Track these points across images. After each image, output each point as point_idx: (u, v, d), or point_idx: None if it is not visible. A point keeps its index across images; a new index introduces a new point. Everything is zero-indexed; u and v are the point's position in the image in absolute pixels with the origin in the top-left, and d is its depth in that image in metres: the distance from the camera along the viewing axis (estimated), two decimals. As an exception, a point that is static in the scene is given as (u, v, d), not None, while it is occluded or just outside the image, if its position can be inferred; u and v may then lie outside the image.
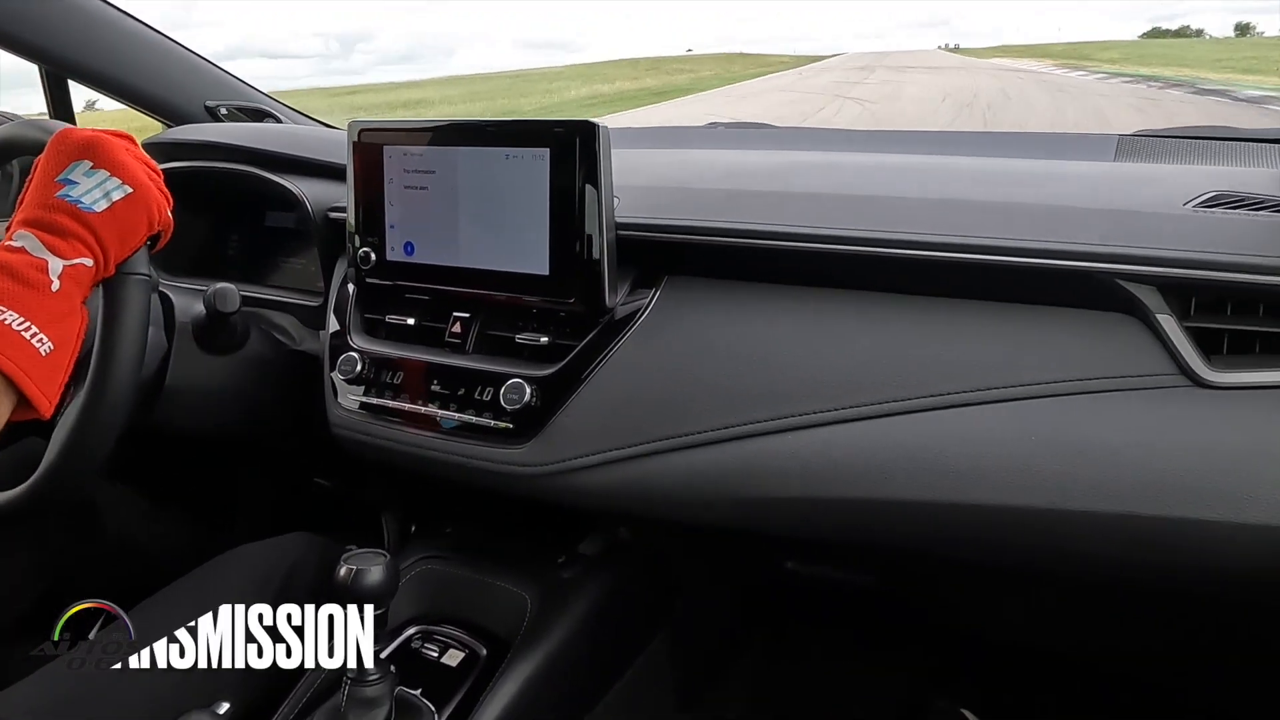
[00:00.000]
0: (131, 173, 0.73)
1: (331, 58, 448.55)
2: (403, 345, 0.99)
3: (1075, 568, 0.79)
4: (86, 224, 0.70)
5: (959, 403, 0.74)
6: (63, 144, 0.73)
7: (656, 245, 0.89)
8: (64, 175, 0.71)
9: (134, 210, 0.73)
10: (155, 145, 1.30)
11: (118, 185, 0.72)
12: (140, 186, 0.73)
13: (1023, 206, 0.80)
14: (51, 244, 0.68)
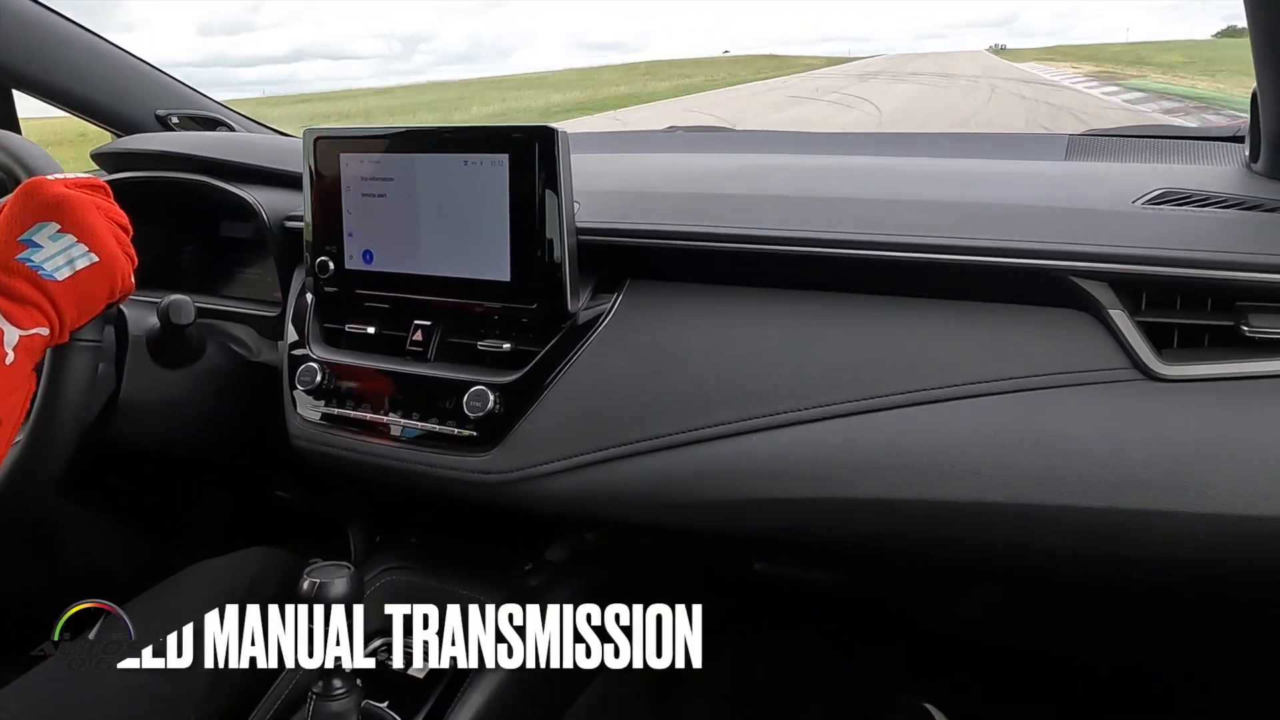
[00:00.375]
0: (100, 239, 0.71)
1: (393, 58, 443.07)
2: (363, 354, 0.98)
3: (1037, 561, 0.80)
4: (46, 292, 0.68)
5: (920, 400, 0.75)
6: (31, 199, 0.70)
7: (618, 249, 0.89)
8: (28, 235, 0.68)
9: (97, 279, 0.71)
10: (105, 155, 1.28)
11: (83, 253, 0.70)
12: (107, 255, 0.72)
13: (979, 206, 0.82)
14: (8, 312, 0.66)
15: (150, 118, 1.43)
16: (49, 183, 0.72)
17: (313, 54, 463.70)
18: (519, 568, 1.04)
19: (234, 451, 1.17)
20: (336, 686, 0.76)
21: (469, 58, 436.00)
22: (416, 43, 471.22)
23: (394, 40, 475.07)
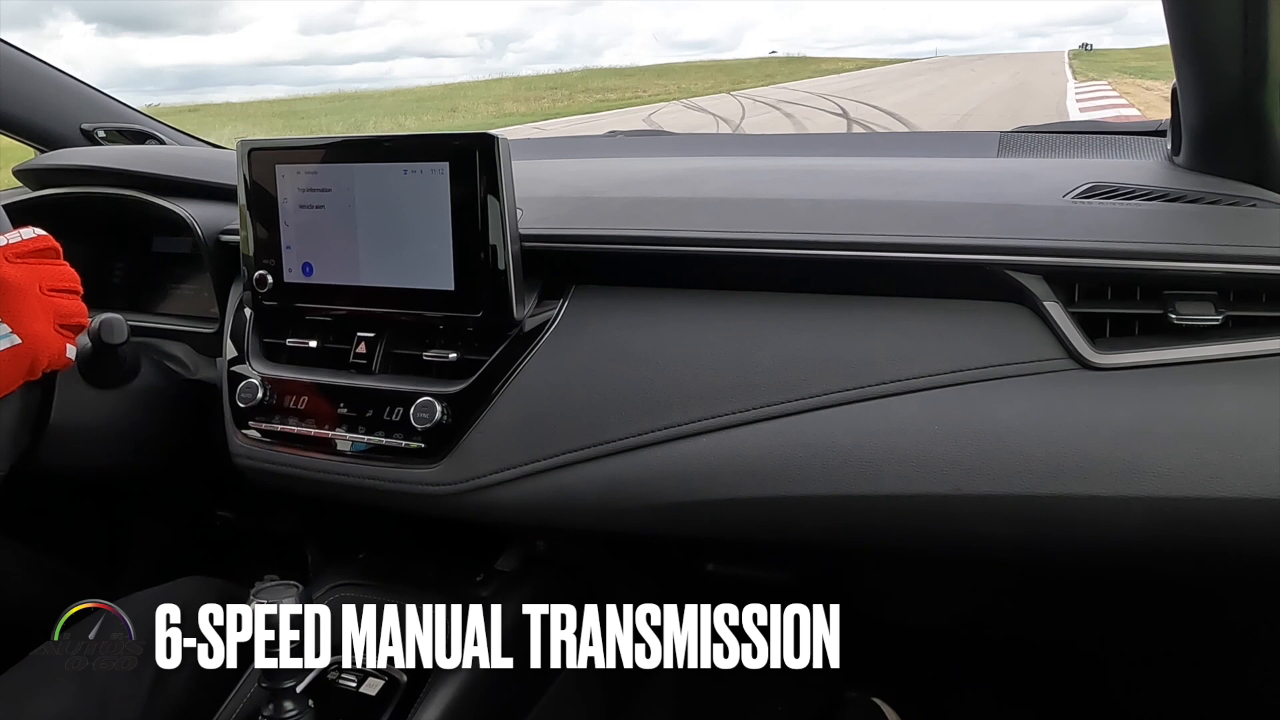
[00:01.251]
0: (26, 322, 0.70)
1: (484, 57, 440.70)
2: (306, 369, 0.96)
3: (981, 550, 0.82)
4: None
5: (863, 397, 0.76)
6: None
7: (562, 255, 0.88)
8: None
9: (16, 361, 0.70)
10: (28, 172, 1.24)
11: (5, 335, 0.69)
12: (30, 338, 0.70)
13: (914, 204, 0.83)
14: None
15: (75, 132, 1.39)
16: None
17: (408, 52, 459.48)
18: (470, 578, 1.03)
19: (173, 473, 1.14)
20: (287, 709, 0.74)
21: (559, 57, 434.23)
22: (508, 41, 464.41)
23: (486, 39, 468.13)
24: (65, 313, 0.75)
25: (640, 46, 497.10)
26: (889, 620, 1.32)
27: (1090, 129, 1.21)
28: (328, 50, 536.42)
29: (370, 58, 42.50)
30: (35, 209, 1.17)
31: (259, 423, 0.96)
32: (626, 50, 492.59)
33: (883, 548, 0.87)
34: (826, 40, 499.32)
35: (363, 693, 0.88)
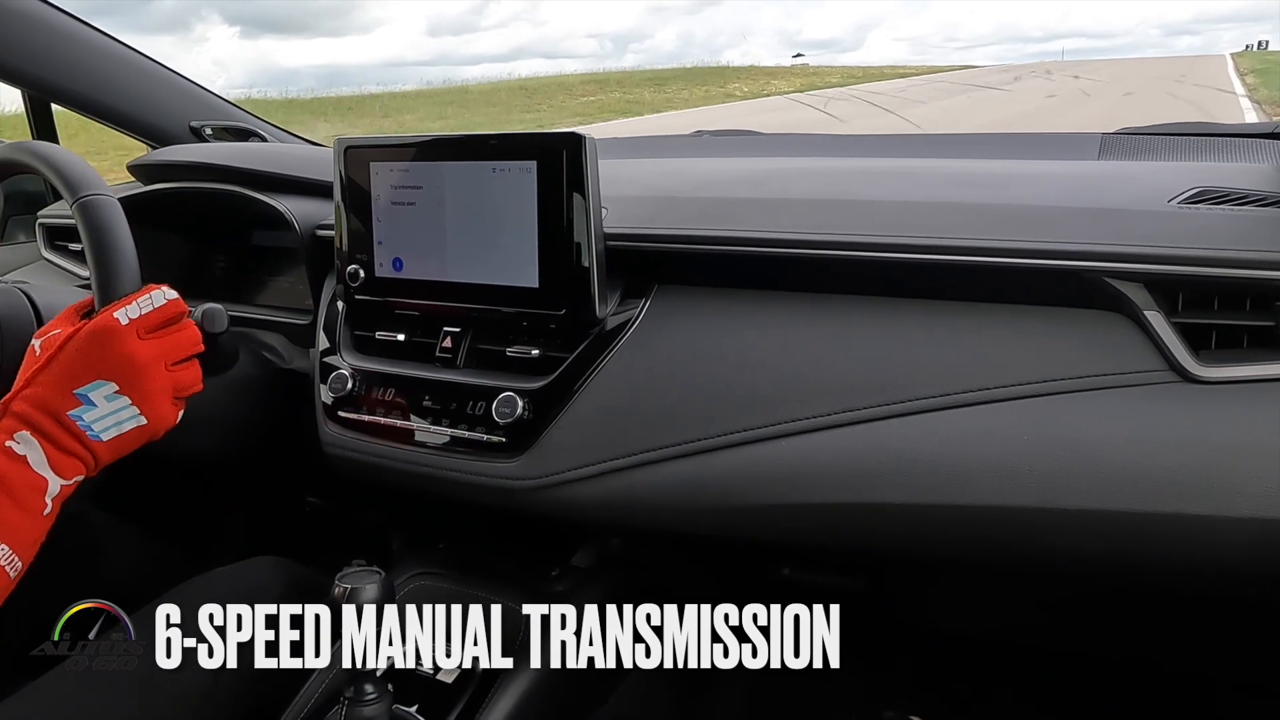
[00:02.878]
0: (153, 404, 0.72)
1: (604, 58, 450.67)
2: (393, 361, 0.98)
3: (1066, 566, 0.79)
4: (90, 449, 0.69)
5: (948, 405, 0.74)
6: (97, 350, 0.70)
7: (646, 255, 0.89)
8: (84, 391, 0.69)
9: (139, 437, 0.73)
10: (140, 167, 1.30)
11: (133, 416, 0.71)
12: (156, 418, 0.73)
13: (1009, 207, 0.81)
14: (54, 460, 0.67)
15: (184, 129, 1.46)
16: (120, 334, 0.71)
17: (530, 53, 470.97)
18: (545, 573, 1.04)
19: (266, 459, 1.18)
20: (367, 691, 0.76)
21: (679, 57, 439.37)
22: (628, 42, 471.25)
23: (606, 40, 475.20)
24: (182, 385, 0.77)
25: (760, 46, 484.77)
26: (931, 628, 1.29)
27: (1200, 131, 1.15)
28: (454, 51, 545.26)
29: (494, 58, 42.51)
30: (146, 203, 1.23)
31: (348, 413, 0.99)
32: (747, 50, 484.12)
33: (963, 559, 0.85)
34: (955, 39, 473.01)
35: (439, 680, 0.90)
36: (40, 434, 0.67)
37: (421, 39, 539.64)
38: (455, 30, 34.24)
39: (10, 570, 0.63)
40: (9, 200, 1.54)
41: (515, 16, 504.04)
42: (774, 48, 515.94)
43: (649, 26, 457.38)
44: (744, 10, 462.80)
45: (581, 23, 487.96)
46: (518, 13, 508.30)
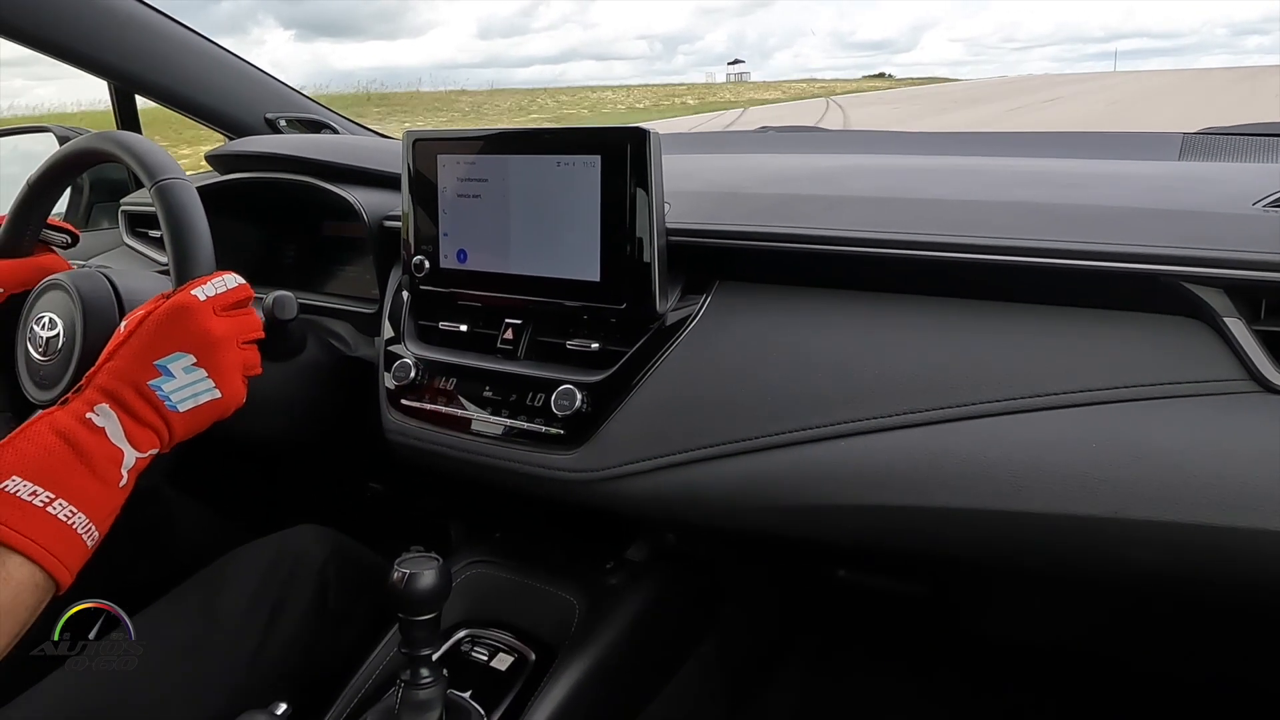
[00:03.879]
0: (227, 378, 0.75)
1: (654, 59, 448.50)
2: (455, 351, 1.00)
3: (1136, 579, 0.77)
4: (166, 420, 0.71)
5: (1014, 409, 0.72)
6: (177, 324, 0.73)
7: (707, 251, 0.88)
8: (164, 362, 0.72)
9: (213, 411, 0.75)
10: (217, 157, 1.34)
11: (209, 389, 0.74)
12: (229, 393, 0.75)
13: (1084, 208, 0.79)
14: (131, 433, 0.69)
15: (260, 121, 1.50)
16: (198, 310, 0.74)
17: (581, 55, 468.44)
18: (600, 566, 1.05)
19: (330, 444, 1.21)
20: (423, 675, 0.78)
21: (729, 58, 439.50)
22: (678, 44, 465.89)
23: (656, 41, 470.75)
24: (250, 364, 0.80)
25: (812, 48, 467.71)
26: (987, 635, 1.26)
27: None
28: (505, 53, 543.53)
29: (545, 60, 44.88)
30: (222, 192, 1.27)
31: (410, 401, 1.00)
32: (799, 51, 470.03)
33: (1026, 567, 0.83)
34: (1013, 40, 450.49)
35: (493, 666, 0.92)
36: (119, 406, 0.69)
37: (472, 41, 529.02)
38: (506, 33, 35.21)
39: (88, 539, 0.65)
40: (94, 188, 1.60)
41: (565, 19, 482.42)
42: (827, 49, 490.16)
43: (699, 28, 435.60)
44: (796, 11, 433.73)
45: (632, 25, 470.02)
46: (568, 15, 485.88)
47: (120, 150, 0.87)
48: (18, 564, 0.61)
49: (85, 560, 0.65)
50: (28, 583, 0.61)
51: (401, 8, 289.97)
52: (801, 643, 1.35)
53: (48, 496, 0.62)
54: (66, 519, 0.63)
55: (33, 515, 0.62)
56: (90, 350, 0.85)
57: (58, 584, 0.63)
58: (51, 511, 0.62)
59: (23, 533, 0.61)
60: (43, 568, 0.61)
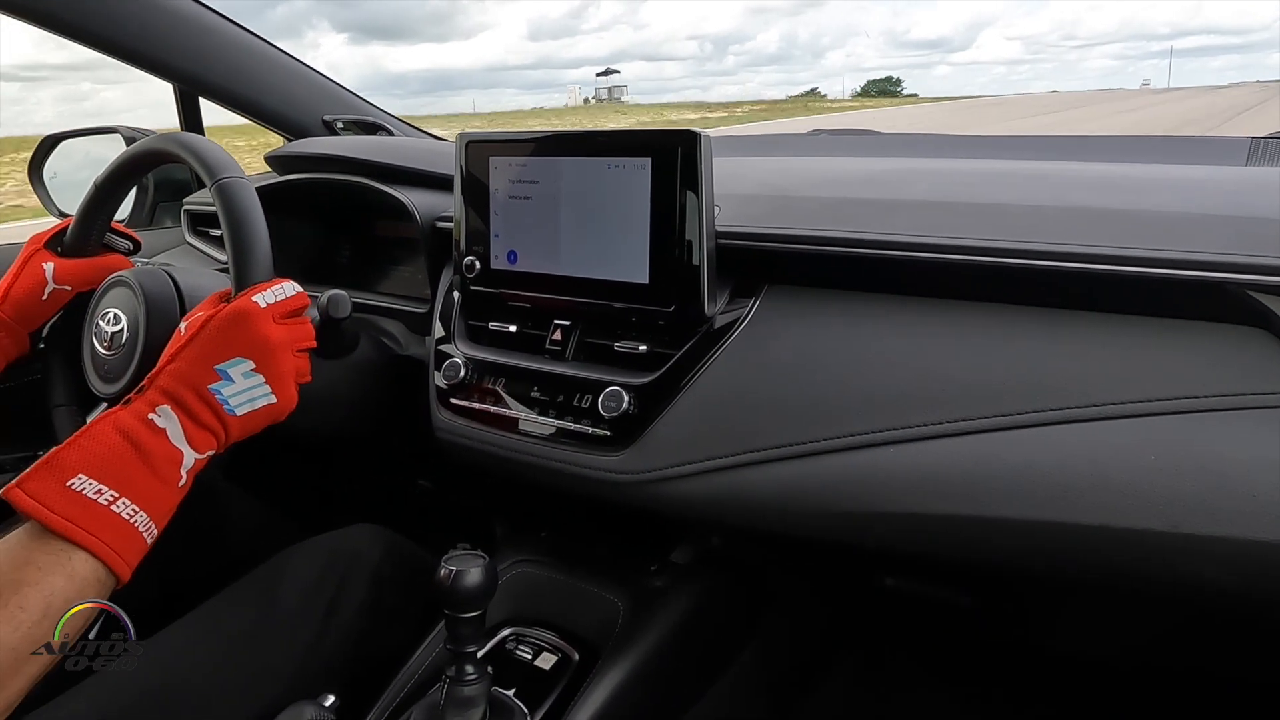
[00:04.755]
0: (283, 384, 0.77)
1: (705, 59, 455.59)
2: (504, 352, 1.01)
3: (1193, 594, 0.74)
4: (224, 423, 0.73)
5: (1070, 419, 0.71)
6: (238, 329, 0.75)
7: (757, 254, 0.88)
8: (224, 366, 0.74)
9: (267, 416, 0.77)
10: (277, 158, 1.37)
11: (265, 394, 0.76)
12: (284, 399, 0.77)
13: (1148, 214, 0.76)
14: (191, 435, 0.71)
15: (318, 123, 1.53)
16: (259, 316, 0.77)
17: (631, 56, 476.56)
18: (644, 568, 1.05)
19: (380, 441, 1.22)
20: (468, 672, 0.79)
21: (780, 59, 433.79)
22: (728, 44, 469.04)
23: (707, 42, 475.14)
24: (302, 371, 0.82)
25: (866, 47, 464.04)
26: (1037, 648, 1.23)
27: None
28: (555, 55, 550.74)
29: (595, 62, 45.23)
30: (281, 192, 1.29)
31: (459, 399, 1.01)
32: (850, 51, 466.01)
33: (1079, 579, 0.81)
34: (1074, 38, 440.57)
35: (537, 665, 0.92)
36: (180, 407, 0.71)
37: (522, 43, 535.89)
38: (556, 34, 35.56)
39: (147, 537, 0.67)
40: (158, 188, 1.65)
41: (615, 20, 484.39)
42: (881, 48, 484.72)
43: (750, 28, 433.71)
44: (849, 10, 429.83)
45: (682, 25, 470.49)
46: (618, 16, 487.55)
47: (183, 150, 0.89)
48: (82, 559, 0.63)
49: (143, 557, 0.67)
50: (91, 578, 0.63)
51: (452, 9, 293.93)
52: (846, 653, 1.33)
53: (112, 495, 0.64)
54: (129, 517, 0.65)
55: (98, 513, 0.64)
56: (153, 345, 0.87)
57: (117, 579, 0.65)
58: (115, 510, 0.64)
59: (89, 530, 0.63)
60: (105, 563, 0.63)
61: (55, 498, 0.63)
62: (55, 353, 1.02)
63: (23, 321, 0.98)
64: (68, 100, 31.16)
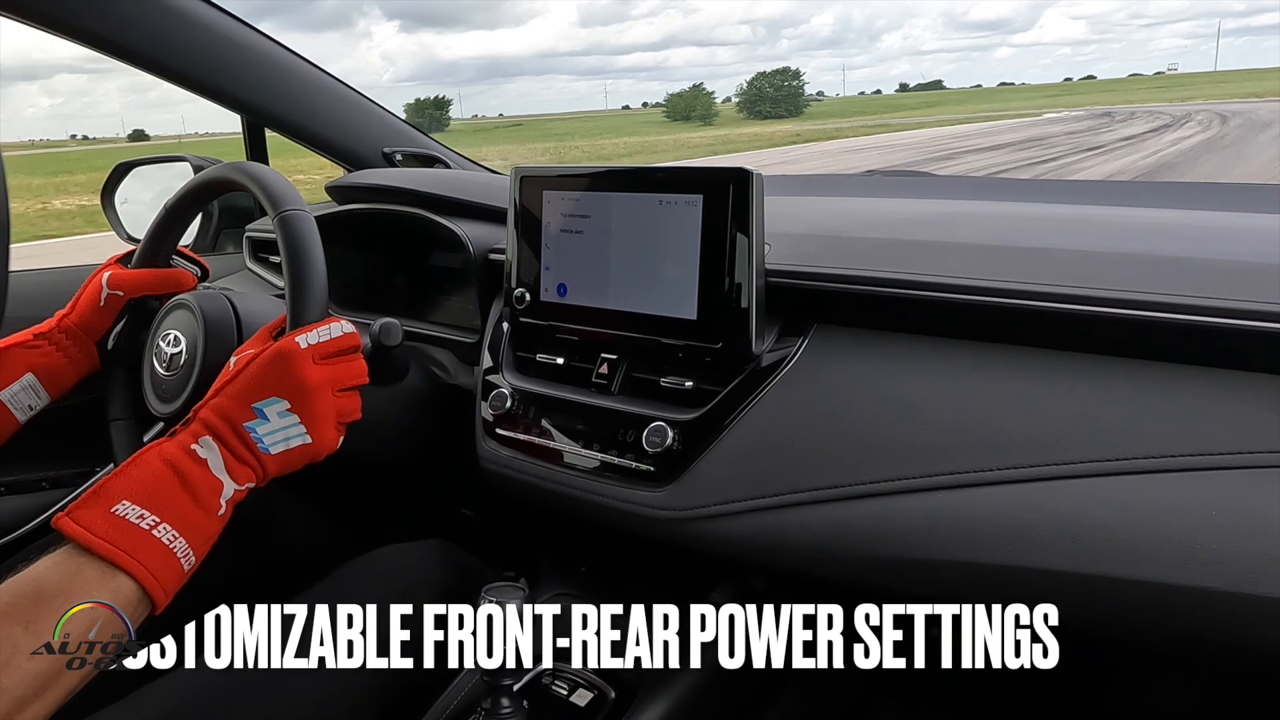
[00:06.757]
0: (319, 426, 0.78)
1: (757, 44, 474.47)
2: (551, 384, 1.01)
3: (1259, 660, 0.71)
4: (260, 460, 0.75)
5: (1126, 470, 0.68)
6: (278, 369, 0.77)
7: (806, 293, 0.88)
8: (261, 405, 0.76)
9: (304, 455, 0.79)
10: (336, 188, 1.40)
11: (300, 434, 0.77)
12: (319, 439, 0.79)
13: (1206, 262, 0.75)
14: (230, 466, 0.73)
15: (377, 154, 1.57)
16: (297, 357, 0.78)
17: (682, 41, 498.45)
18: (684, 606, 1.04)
19: (427, 468, 1.23)
20: (504, 705, 0.78)
21: (835, 42, 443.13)
22: (781, 28, 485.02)
23: (759, 26, 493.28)
24: (346, 411, 0.83)
25: (923, 29, 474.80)
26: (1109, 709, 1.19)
27: None
28: (606, 41, 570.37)
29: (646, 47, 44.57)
30: (339, 221, 1.32)
31: (505, 430, 1.02)
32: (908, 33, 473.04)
33: (1132, 638, 0.78)
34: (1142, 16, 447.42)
35: (572, 701, 0.91)
36: (220, 441, 0.73)
37: (573, 29, 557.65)
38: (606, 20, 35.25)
39: (185, 563, 0.68)
40: (222, 214, 1.70)
41: (666, 5, 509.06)
42: (939, 30, 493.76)
43: (803, 12, 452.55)
44: None
45: (734, 9, 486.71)
46: (668, 1, 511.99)
47: (248, 180, 0.92)
48: (124, 581, 0.64)
49: (181, 585, 0.68)
50: (131, 597, 0.65)
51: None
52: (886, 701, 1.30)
53: (154, 520, 0.66)
54: (169, 542, 0.66)
55: (139, 538, 0.65)
56: (209, 368, 0.89)
57: (154, 605, 0.66)
58: (157, 535, 0.66)
59: (130, 553, 0.64)
60: (143, 587, 0.65)
61: (100, 523, 0.65)
62: (117, 367, 1.05)
63: (87, 331, 1.02)
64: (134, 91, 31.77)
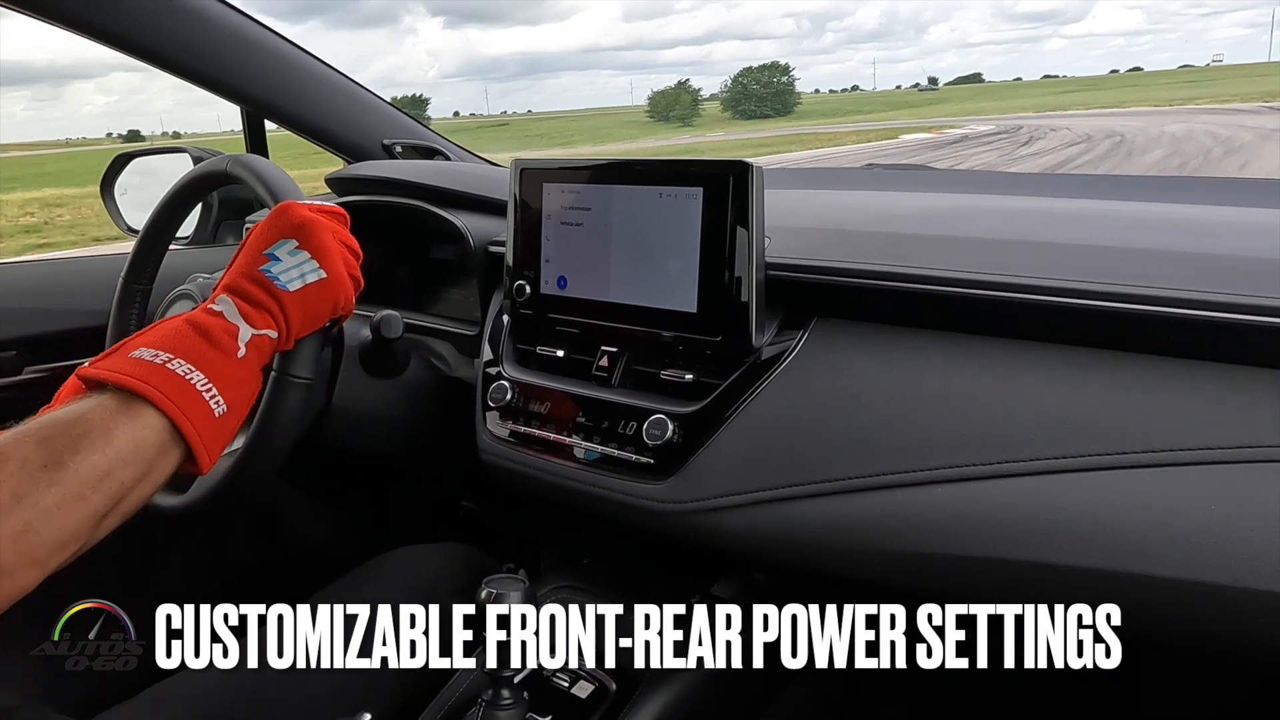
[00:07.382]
0: (330, 260, 0.79)
1: (802, 37, 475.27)
2: (551, 376, 1.01)
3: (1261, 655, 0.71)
4: (278, 299, 0.75)
5: (1131, 464, 0.68)
6: (279, 219, 0.80)
7: (807, 286, 0.87)
8: (271, 250, 0.77)
9: (322, 294, 0.79)
10: (337, 180, 1.39)
11: (314, 269, 0.78)
12: (334, 274, 0.79)
13: (1216, 257, 0.74)
14: (245, 312, 0.74)
15: (377, 146, 1.56)
16: (297, 206, 0.81)
17: (726, 35, 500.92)
18: (686, 599, 1.04)
19: (429, 460, 1.23)
20: (505, 696, 0.78)
21: (881, 34, 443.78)
22: (826, 20, 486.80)
23: (804, 19, 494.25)
24: (350, 262, 0.84)
25: (972, 21, 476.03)
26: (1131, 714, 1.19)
27: None
28: (649, 36, 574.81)
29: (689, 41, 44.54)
30: (339, 213, 1.32)
31: (505, 423, 1.02)
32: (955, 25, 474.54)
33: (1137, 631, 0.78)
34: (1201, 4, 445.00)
35: (573, 694, 0.91)
36: (236, 294, 0.75)
37: (615, 24, 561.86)
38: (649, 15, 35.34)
39: (216, 408, 0.68)
40: (222, 206, 1.69)
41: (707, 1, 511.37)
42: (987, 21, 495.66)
43: (848, 4, 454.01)
44: None
45: (777, 2, 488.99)
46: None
47: (246, 173, 0.91)
48: (145, 410, 0.64)
49: (219, 432, 0.68)
50: (155, 426, 0.64)
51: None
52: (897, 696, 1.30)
53: (166, 356, 0.67)
54: (185, 374, 0.67)
55: (153, 369, 0.66)
56: None
57: (188, 448, 0.66)
58: (171, 368, 0.67)
59: (144, 380, 0.65)
60: (169, 417, 0.65)
61: (118, 363, 0.66)
62: None
63: None
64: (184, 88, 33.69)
